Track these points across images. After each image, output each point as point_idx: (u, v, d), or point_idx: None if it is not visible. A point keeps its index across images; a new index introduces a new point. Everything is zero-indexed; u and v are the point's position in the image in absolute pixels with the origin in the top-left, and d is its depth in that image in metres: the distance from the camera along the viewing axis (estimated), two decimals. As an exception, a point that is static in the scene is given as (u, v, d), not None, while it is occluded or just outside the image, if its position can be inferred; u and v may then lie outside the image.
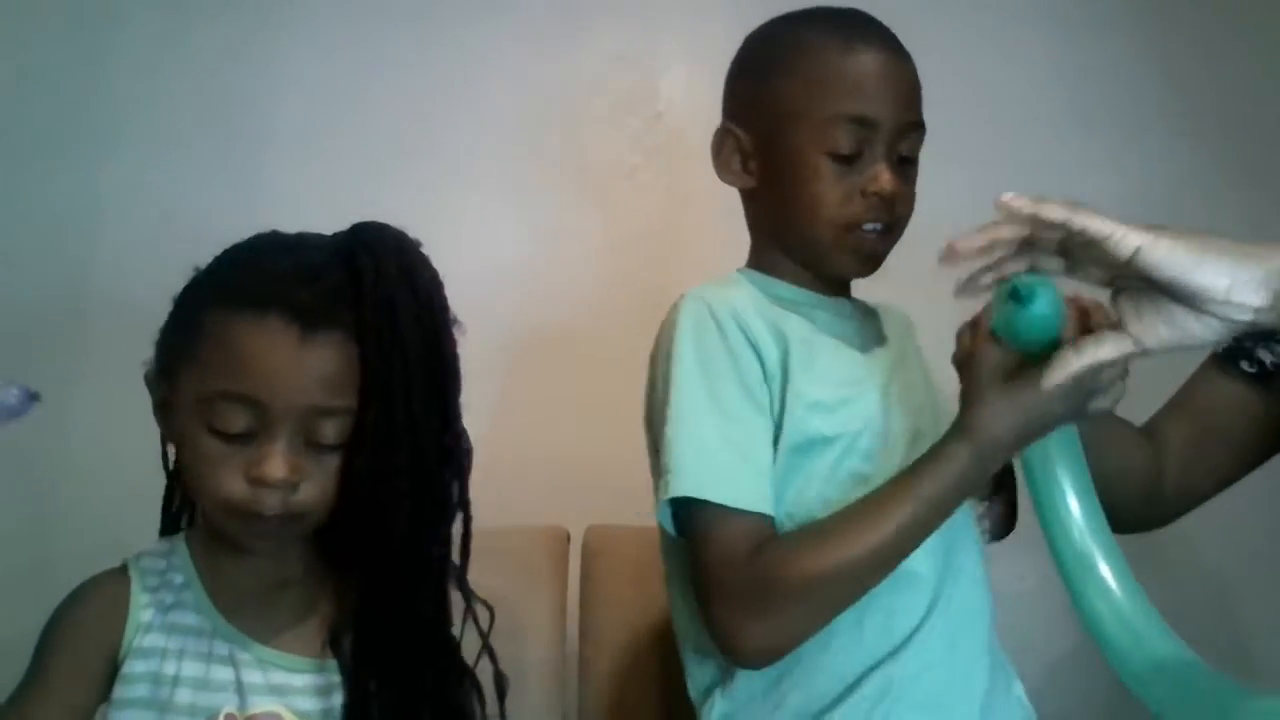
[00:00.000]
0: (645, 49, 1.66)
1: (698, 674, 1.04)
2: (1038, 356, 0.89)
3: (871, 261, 1.05)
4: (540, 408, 1.51)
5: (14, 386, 0.89)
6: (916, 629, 0.96)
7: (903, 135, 1.02)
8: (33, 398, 0.90)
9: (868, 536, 0.92)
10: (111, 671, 0.91)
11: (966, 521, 1.03)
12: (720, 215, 1.13)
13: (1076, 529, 0.99)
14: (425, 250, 0.94)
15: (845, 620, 0.95)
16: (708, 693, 1.02)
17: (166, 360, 0.92)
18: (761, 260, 1.09)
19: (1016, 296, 0.87)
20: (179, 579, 0.93)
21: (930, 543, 0.96)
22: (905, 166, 1.04)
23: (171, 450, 0.96)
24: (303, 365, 0.86)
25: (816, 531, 0.94)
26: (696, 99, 1.11)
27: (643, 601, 1.25)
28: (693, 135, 1.10)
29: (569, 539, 1.31)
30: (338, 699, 0.92)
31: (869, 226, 1.02)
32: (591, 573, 1.29)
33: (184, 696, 0.89)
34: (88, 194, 1.56)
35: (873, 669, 0.95)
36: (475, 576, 1.03)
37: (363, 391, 0.87)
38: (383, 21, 1.63)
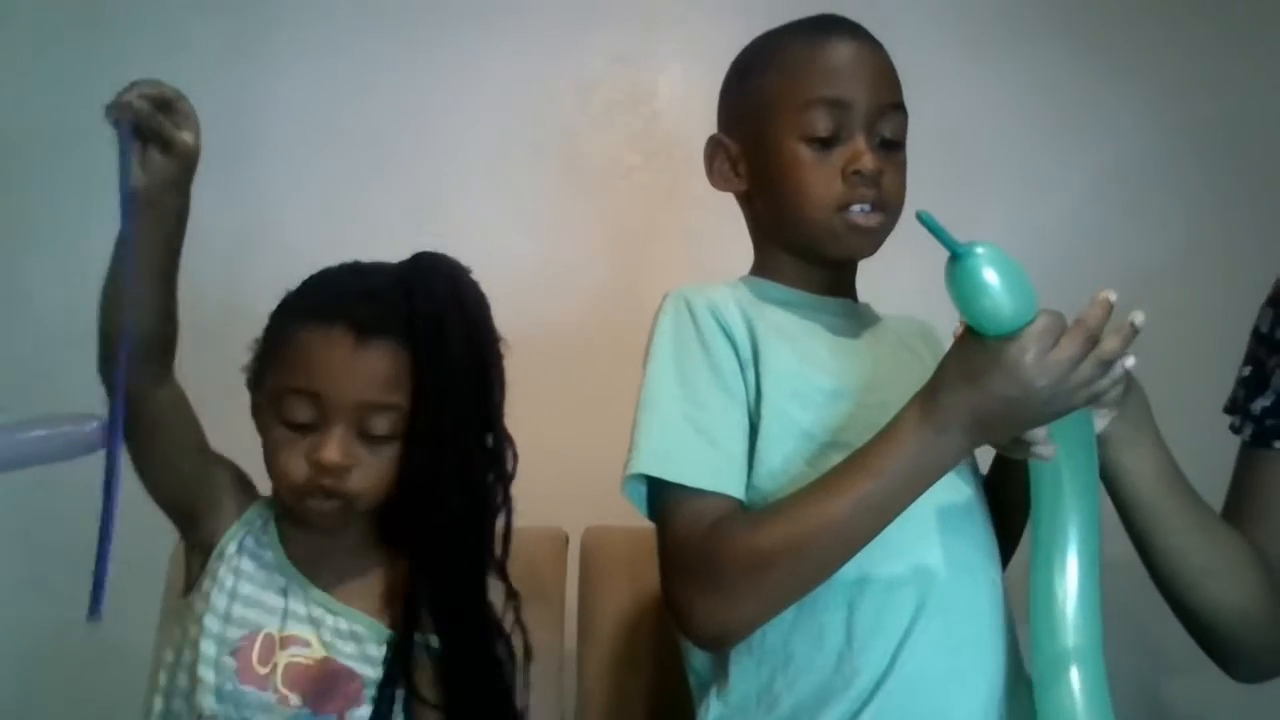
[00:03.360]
0: (644, 49, 1.66)
1: (696, 673, 1.03)
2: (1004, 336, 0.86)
3: (867, 240, 1.04)
4: (538, 409, 1.50)
5: (94, 420, 0.90)
6: (910, 630, 0.94)
7: (881, 116, 1.03)
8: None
9: (821, 513, 0.89)
10: (219, 512, 1.06)
11: (972, 517, 1.00)
12: (718, 215, 1.13)
13: (1063, 606, 0.92)
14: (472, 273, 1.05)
15: (834, 619, 0.94)
16: (703, 694, 1.01)
17: (257, 369, 1.06)
18: (762, 265, 1.10)
19: (953, 255, 0.84)
20: (262, 522, 1.08)
21: (919, 539, 0.94)
22: (890, 150, 1.04)
23: None
24: (357, 366, 0.99)
25: (770, 509, 0.93)
26: (695, 99, 1.11)
27: (641, 603, 1.25)
28: (691, 135, 1.10)
29: (567, 540, 1.31)
30: (367, 648, 1.03)
31: (856, 207, 1.01)
32: (590, 574, 1.29)
33: (239, 610, 1.03)
34: (82, 192, 1.56)
35: (866, 672, 0.93)
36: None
37: (414, 394, 1.00)
38: (382, 21, 1.63)
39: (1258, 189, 1.65)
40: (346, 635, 1.03)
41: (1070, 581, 0.92)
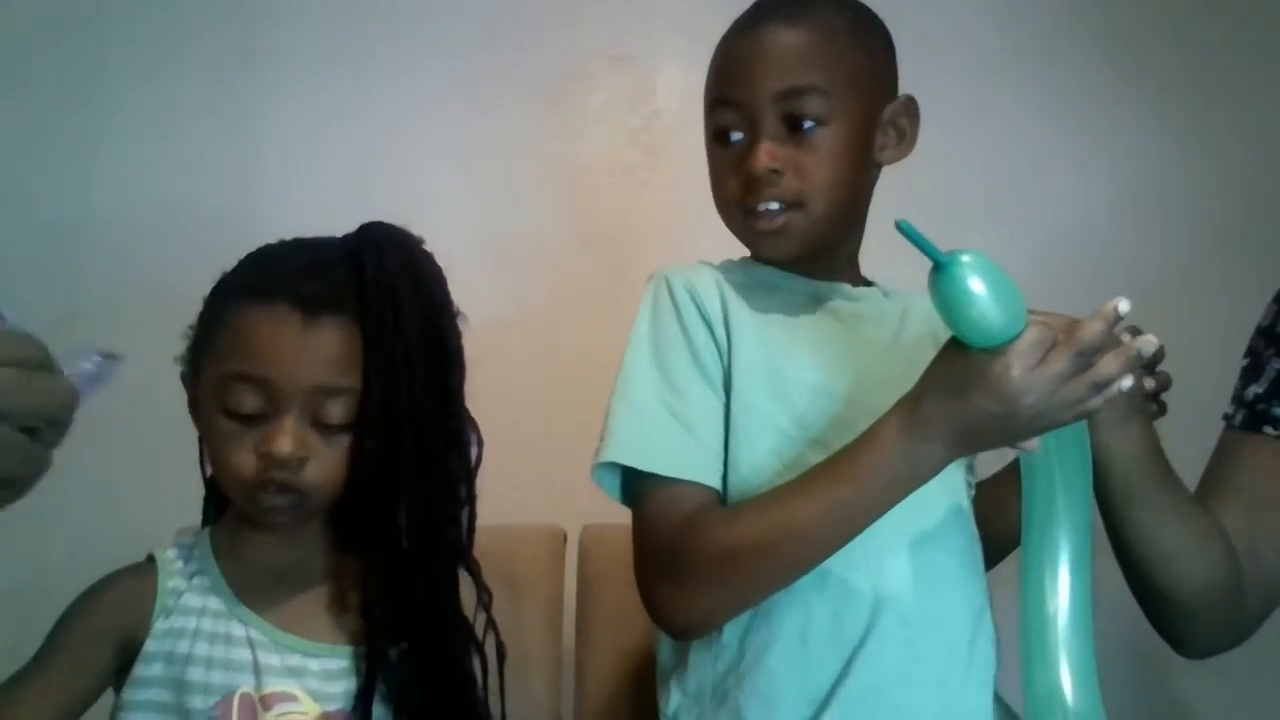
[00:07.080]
0: (643, 46, 1.66)
1: (660, 659, 1.03)
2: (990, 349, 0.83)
3: (777, 241, 1.00)
4: (536, 406, 1.51)
5: (92, 352, 0.76)
6: (866, 636, 0.92)
7: (781, 102, 0.98)
8: (109, 357, 0.77)
9: (792, 516, 0.89)
10: (123, 657, 0.95)
11: (954, 529, 0.98)
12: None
13: (1054, 606, 0.91)
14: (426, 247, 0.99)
15: (789, 620, 0.93)
16: (665, 680, 1.01)
17: (192, 356, 0.98)
18: None
19: (936, 264, 0.81)
20: (196, 567, 0.98)
21: (884, 547, 0.93)
22: (808, 133, 0.98)
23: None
24: (308, 347, 0.91)
25: (745, 506, 0.93)
26: (694, 97, 1.11)
27: (639, 601, 1.24)
28: (691, 133, 1.10)
29: (565, 539, 1.31)
30: (350, 683, 0.95)
31: (760, 206, 0.99)
32: (588, 572, 1.29)
33: (198, 675, 0.93)
34: (82, 193, 1.56)
35: (821, 677, 0.92)
36: (472, 576, 1.04)
37: (366, 374, 0.92)
38: (380, 19, 1.63)
39: (1264, 197, 1.64)
40: (334, 675, 0.95)
41: (1062, 593, 0.91)
